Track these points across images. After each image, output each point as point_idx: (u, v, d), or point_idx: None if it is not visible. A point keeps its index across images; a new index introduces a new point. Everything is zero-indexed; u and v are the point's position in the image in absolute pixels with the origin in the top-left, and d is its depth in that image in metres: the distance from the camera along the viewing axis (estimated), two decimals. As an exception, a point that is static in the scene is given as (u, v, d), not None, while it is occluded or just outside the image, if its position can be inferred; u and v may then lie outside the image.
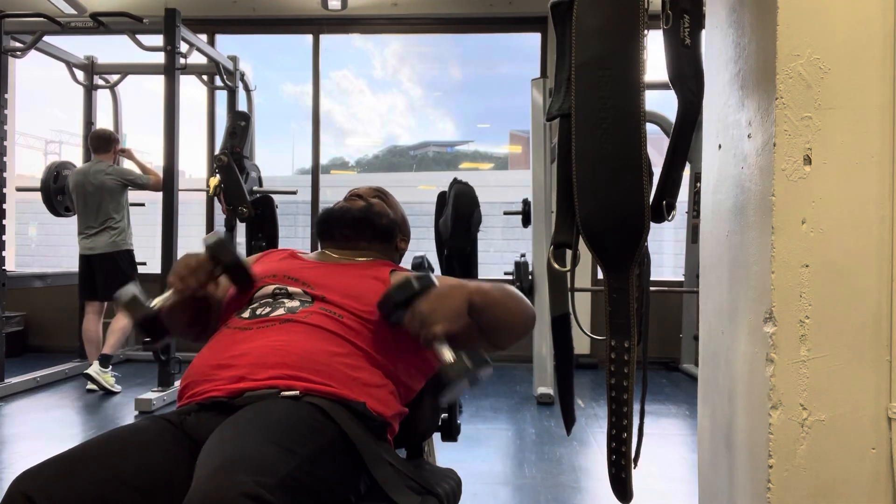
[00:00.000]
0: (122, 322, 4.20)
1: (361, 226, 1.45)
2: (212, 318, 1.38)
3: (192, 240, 5.66)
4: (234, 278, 1.32)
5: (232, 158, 4.17)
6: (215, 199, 4.38)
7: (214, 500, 0.80)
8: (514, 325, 1.28)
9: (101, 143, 4.34)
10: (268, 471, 0.85)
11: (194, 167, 6.38)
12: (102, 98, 5.29)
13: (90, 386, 4.04)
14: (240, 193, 4.16)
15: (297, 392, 1.08)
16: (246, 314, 1.25)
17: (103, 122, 5.24)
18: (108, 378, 4.05)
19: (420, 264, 1.76)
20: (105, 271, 4.23)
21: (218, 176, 4.17)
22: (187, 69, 4.20)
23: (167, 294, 1.26)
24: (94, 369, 4.04)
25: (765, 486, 1.09)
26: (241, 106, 5.06)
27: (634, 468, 1.15)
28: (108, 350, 4.10)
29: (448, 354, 1.09)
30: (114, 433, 1.04)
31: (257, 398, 1.07)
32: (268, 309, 1.24)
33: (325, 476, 0.96)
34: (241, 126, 4.31)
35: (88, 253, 4.25)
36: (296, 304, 1.25)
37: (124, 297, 1.24)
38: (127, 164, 4.56)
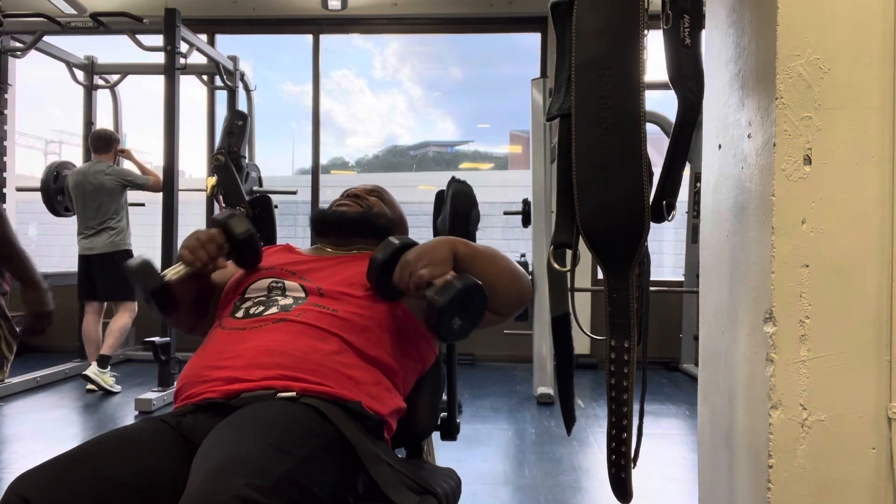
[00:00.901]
0: (120, 322, 4.20)
1: (358, 228, 1.45)
2: (209, 308, 1.39)
3: (192, 240, 5.67)
4: (243, 255, 1.32)
5: (229, 158, 4.17)
6: (214, 198, 4.39)
7: (209, 503, 0.80)
8: (503, 281, 1.27)
9: (101, 144, 4.34)
10: (263, 473, 0.85)
11: (194, 167, 6.39)
12: (102, 98, 5.29)
13: (90, 386, 4.04)
14: (237, 193, 4.16)
15: (294, 393, 1.08)
16: (240, 314, 1.25)
17: (103, 122, 5.24)
18: (106, 378, 4.05)
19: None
20: (104, 271, 4.23)
21: (216, 175, 4.17)
22: (187, 69, 4.20)
23: (178, 267, 1.25)
24: (93, 370, 4.04)
25: (765, 486, 1.09)
26: (242, 106, 5.06)
27: (634, 468, 1.15)
28: (107, 351, 4.10)
29: (432, 292, 1.11)
30: (111, 435, 1.04)
31: (254, 399, 1.07)
32: (261, 308, 1.24)
33: (322, 477, 0.96)
34: (238, 125, 4.31)
35: (87, 253, 4.25)
36: (289, 301, 1.25)
37: (136, 265, 1.22)
38: (126, 165, 4.56)
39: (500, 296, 1.26)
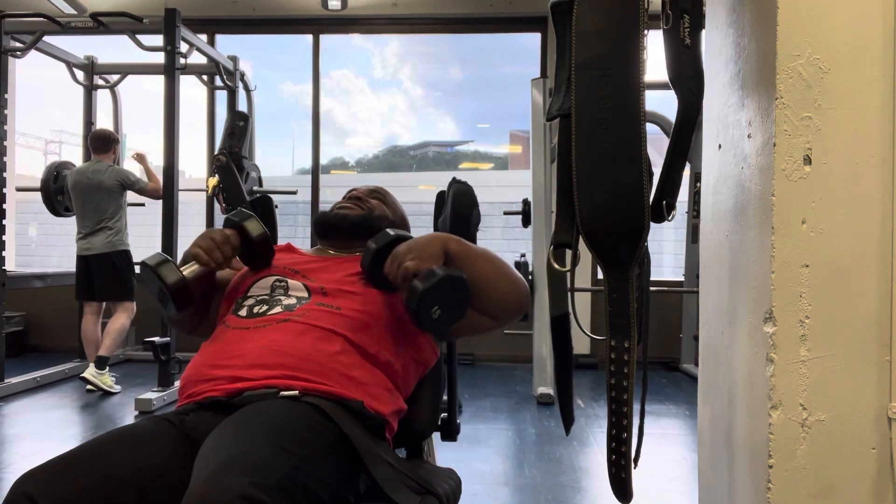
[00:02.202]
0: (118, 323, 4.20)
1: (360, 231, 1.45)
2: (210, 308, 1.39)
3: (192, 239, 5.67)
4: (256, 257, 1.32)
5: (230, 158, 4.18)
6: (215, 199, 4.38)
7: (211, 502, 0.80)
8: (498, 284, 1.27)
9: (101, 144, 4.34)
10: (265, 472, 0.85)
11: (194, 167, 6.39)
12: (102, 98, 5.28)
13: (90, 386, 4.04)
14: (238, 193, 4.16)
15: (297, 392, 1.08)
16: (243, 312, 1.25)
17: (103, 122, 5.25)
18: (105, 380, 4.05)
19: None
20: (102, 272, 4.22)
21: (217, 176, 4.17)
22: (187, 69, 4.20)
23: (192, 265, 1.25)
24: (90, 372, 4.03)
25: (765, 486, 1.09)
26: (242, 106, 5.06)
27: (634, 468, 1.15)
28: (105, 352, 4.09)
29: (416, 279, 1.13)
30: (114, 434, 1.04)
31: (256, 398, 1.07)
32: (265, 307, 1.24)
33: (324, 476, 0.96)
34: (239, 126, 4.31)
35: (86, 253, 4.25)
36: (293, 301, 1.25)
37: (154, 261, 1.22)
38: (135, 170, 4.55)
39: (494, 298, 1.26)
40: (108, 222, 4.24)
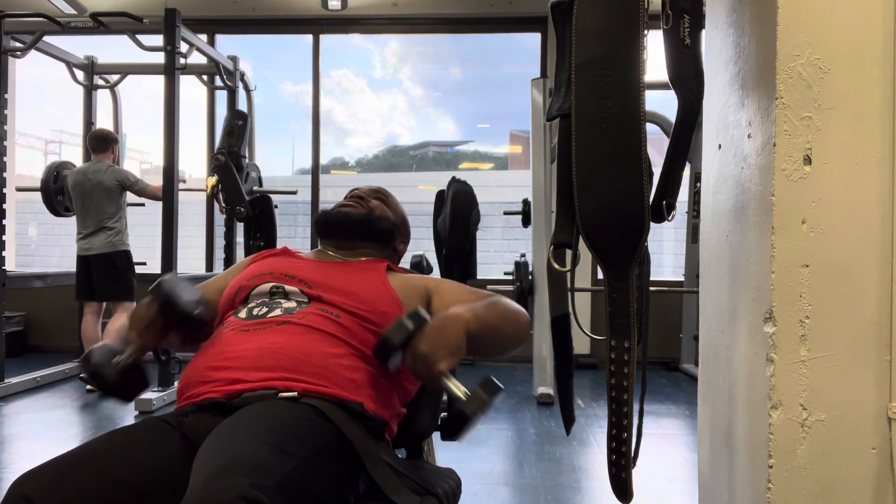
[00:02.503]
0: (118, 323, 4.19)
1: (360, 230, 1.44)
2: (206, 330, 1.35)
3: (193, 239, 5.69)
4: (187, 327, 1.24)
5: (229, 158, 4.17)
6: (214, 198, 4.38)
7: (211, 502, 0.80)
8: (509, 343, 1.29)
9: (100, 144, 4.34)
10: (265, 473, 0.85)
11: (194, 167, 6.38)
12: (102, 98, 5.28)
13: (90, 386, 4.04)
14: (237, 193, 4.16)
15: (296, 393, 1.08)
16: (243, 314, 1.24)
17: (103, 122, 5.24)
18: (106, 379, 4.04)
19: (419, 263, 1.75)
20: (102, 272, 4.22)
21: (215, 176, 4.17)
22: (187, 69, 4.20)
23: (129, 350, 1.20)
24: None
25: (765, 486, 1.09)
26: (242, 106, 5.06)
27: (634, 468, 1.15)
28: None
29: (460, 390, 1.07)
30: (112, 435, 1.04)
31: (255, 399, 1.07)
32: (265, 309, 1.23)
33: (324, 477, 0.96)
34: (238, 125, 4.31)
35: (86, 254, 4.25)
36: (293, 304, 1.24)
37: (91, 365, 1.18)
38: (127, 166, 4.55)
39: (504, 344, 1.29)
40: (108, 222, 4.24)
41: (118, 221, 4.28)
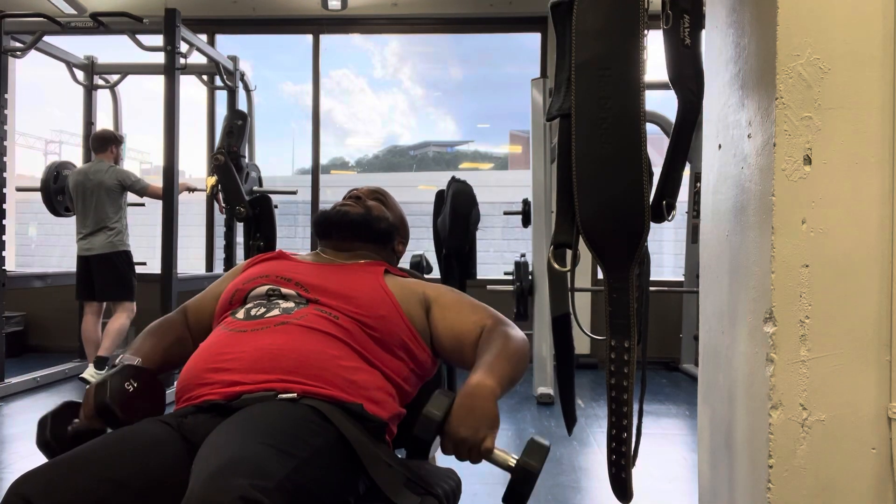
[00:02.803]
0: (118, 323, 4.19)
1: (358, 230, 1.44)
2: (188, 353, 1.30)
3: (193, 239, 5.69)
4: (139, 404, 1.16)
5: (229, 158, 4.17)
6: (213, 198, 4.38)
7: (211, 503, 0.80)
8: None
9: (100, 144, 4.34)
10: (265, 474, 0.85)
11: (194, 167, 6.39)
12: (102, 98, 5.28)
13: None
14: (237, 193, 4.16)
15: (295, 394, 1.08)
16: (240, 315, 1.24)
17: (103, 122, 5.24)
18: (106, 379, 4.04)
19: (418, 263, 1.75)
20: (102, 272, 4.22)
21: (215, 175, 4.17)
22: (187, 69, 4.20)
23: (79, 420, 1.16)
24: (90, 372, 4.04)
25: (765, 486, 1.09)
26: (242, 106, 5.06)
27: (634, 468, 1.15)
28: (104, 352, 4.09)
29: (510, 460, 1.05)
30: (112, 436, 1.03)
31: (254, 400, 1.07)
32: (263, 310, 1.23)
33: (323, 478, 0.96)
34: (238, 125, 4.31)
35: (86, 254, 4.24)
36: (290, 305, 1.24)
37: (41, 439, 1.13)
38: (127, 166, 4.56)
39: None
40: (108, 222, 4.24)
41: (118, 221, 4.28)
